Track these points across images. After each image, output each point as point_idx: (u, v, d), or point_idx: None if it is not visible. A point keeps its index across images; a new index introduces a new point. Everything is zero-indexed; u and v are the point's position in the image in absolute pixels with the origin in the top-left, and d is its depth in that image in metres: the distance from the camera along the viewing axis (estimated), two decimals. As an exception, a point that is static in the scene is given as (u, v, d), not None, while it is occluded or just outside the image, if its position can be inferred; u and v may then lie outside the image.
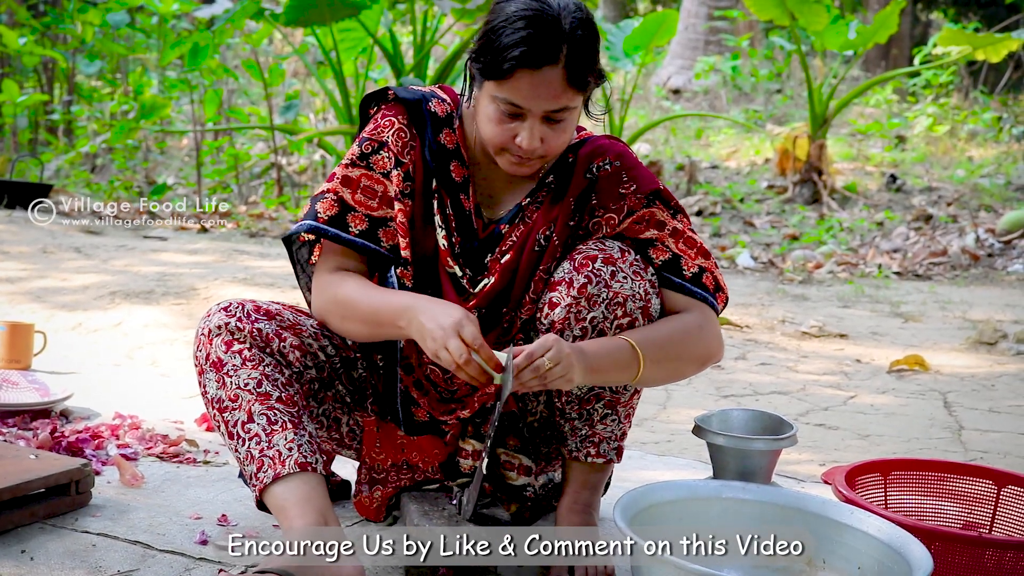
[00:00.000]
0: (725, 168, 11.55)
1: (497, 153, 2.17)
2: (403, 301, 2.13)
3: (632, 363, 2.13)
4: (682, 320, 2.24)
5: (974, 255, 8.31)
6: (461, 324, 2.01)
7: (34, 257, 6.32)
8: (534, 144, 2.11)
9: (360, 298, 2.19)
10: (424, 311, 2.07)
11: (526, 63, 2.04)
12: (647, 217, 2.26)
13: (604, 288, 2.16)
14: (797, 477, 3.14)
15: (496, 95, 2.09)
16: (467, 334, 1.99)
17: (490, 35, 2.08)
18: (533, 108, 2.09)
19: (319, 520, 2.07)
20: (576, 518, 2.31)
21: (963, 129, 12.21)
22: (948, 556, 2.11)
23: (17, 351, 3.82)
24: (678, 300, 2.26)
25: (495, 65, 2.06)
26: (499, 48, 2.05)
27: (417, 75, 8.67)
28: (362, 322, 2.19)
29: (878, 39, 9.74)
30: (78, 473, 2.43)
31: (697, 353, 2.26)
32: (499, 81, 2.07)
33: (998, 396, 4.57)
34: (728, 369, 4.89)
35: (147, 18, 11.76)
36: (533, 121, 2.10)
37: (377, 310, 2.16)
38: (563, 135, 2.15)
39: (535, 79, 2.05)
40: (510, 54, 2.04)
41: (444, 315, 2.03)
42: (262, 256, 6.93)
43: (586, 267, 2.17)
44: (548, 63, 2.05)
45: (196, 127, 10.62)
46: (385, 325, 2.15)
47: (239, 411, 2.15)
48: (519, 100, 2.08)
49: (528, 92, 2.07)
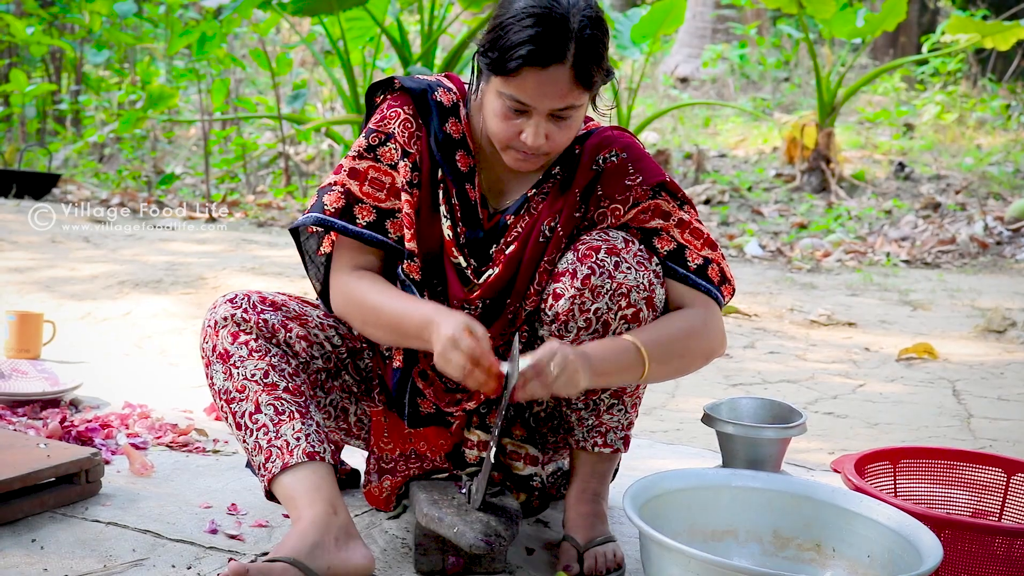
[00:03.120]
0: (733, 157, 11.53)
1: (502, 148, 2.16)
2: (425, 314, 2.10)
3: (637, 365, 2.13)
4: (686, 317, 2.23)
5: (983, 243, 8.30)
6: (457, 339, 1.98)
7: (43, 247, 6.33)
8: (539, 142, 2.10)
9: (382, 305, 2.17)
10: (436, 326, 2.04)
11: (533, 61, 2.02)
12: (652, 208, 2.26)
13: (608, 279, 2.16)
14: (806, 465, 3.14)
15: (502, 91, 2.08)
16: (465, 346, 1.98)
17: (498, 30, 2.07)
18: (539, 106, 2.07)
19: (328, 509, 2.07)
20: (585, 507, 2.32)
21: (971, 117, 12.16)
22: (958, 544, 2.11)
23: (26, 340, 3.83)
24: (682, 292, 2.26)
25: (502, 62, 2.05)
26: (507, 45, 2.04)
27: (425, 64, 8.65)
28: (385, 329, 2.19)
29: (886, 27, 9.71)
30: (88, 462, 2.44)
31: (701, 350, 2.25)
32: (506, 77, 2.06)
33: (1007, 384, 4.57)
34: (737, 358, 4.89)
35: (154, 7, 11.76)
36: (538, 118, 2.09)
37: (400, 320, 2.14)
38: (568, 132, 2.14)
39: (542, 78, 2.04)
40: (518, 52, 2.02)
41: (445, 326, 2.01)
42: (270, 245, 6.94)
43: (590, 258, 2.17)
44: (555, 62, 2.03)
45: (204, 117, 10.62)
46: (410, 337, 2.14)
47: (246, 402, 2.16)
48: (525, 98, 2.07)
49: (534, 91, 2.05)
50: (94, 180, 10.73)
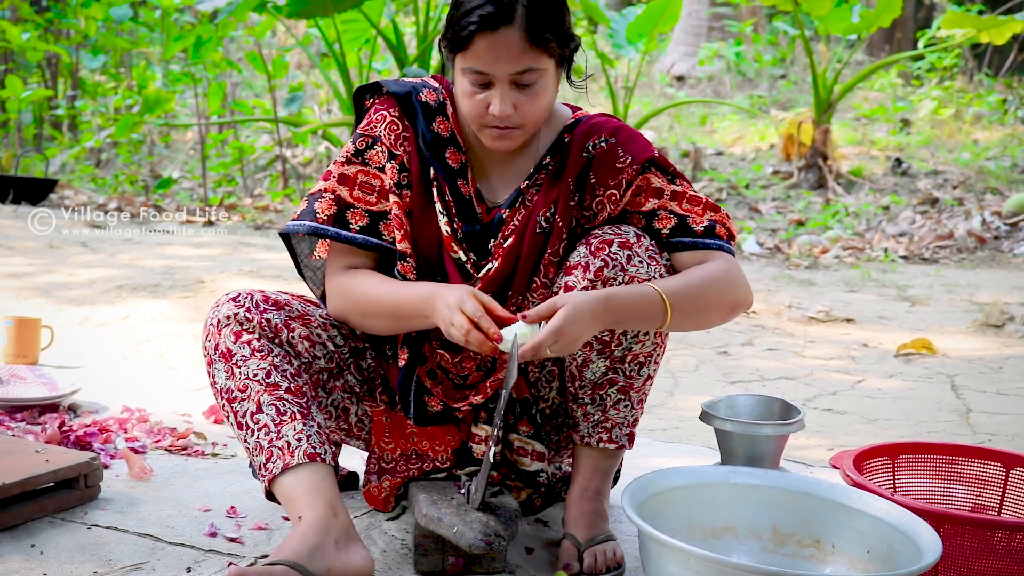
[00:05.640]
0: (730, 154, 11.53)
1: (478, 129, 2.20)
2: (423, 291, 2.15)
3: (659, 313, 2.13)
4: (707, 268, 2.24)
5: (980, 238, 8.30)
6: (463, 300, 2.04)
7: (40, 252, 6.33)
8: (507, 110, 2.13)
9: (379, 293, 2.21)
10: (440, 297, 2.09)
11: (483, 27, 2.07)
12: (644, 186, 2.27)
13: (620, 272, 2.17)
14: (805, 462, 3.14)
15: (463, 67, 2.14)
16: (468, 308, 2.02)
17: (452, 10, 2.14)
18: (496, 72, 2.11)
19: (328, 511, 2.07)
20: (586, 505, 2.31)
21: (968, 112, 12.17)
22: (957, 539, 2.11)
23: (25, 346, 3.84)
24: (695, 256, 2.26)
25: (456, 38, 2.11)
26: (458, 19, 2.10)
27: (421, 65, 8.65)
28: (385, 317, 2.21)
29: (882, 23, 9.71)
30: (87, 467, 2.43)
31: (726, 300, 2.26)
32: (463, 52, 2.12)
33: (1006, 378, 4.57)
34: (735, 355, 4.89)
35: (150, 12, 11.76)
36: (502, 87, 2.12)
37: (398, 303, 2.18)
38: (536, 101, 2.16)
39: (492, 41, 2.08)
40: (468, 20, 2.08)
41: (451, 295, 2.06)
42: (268, 248, 6.94)
43: (602, 251, 2.18)
44: (503, 23, 2.07)
45: (200, 120, 10.62)
46: (409, 317, 2.18)
47: (248, 401, 2.16)
48: (481, 66, 2.11)
49: (488, 55, 2.09)
50: (91, 185, 10.73)
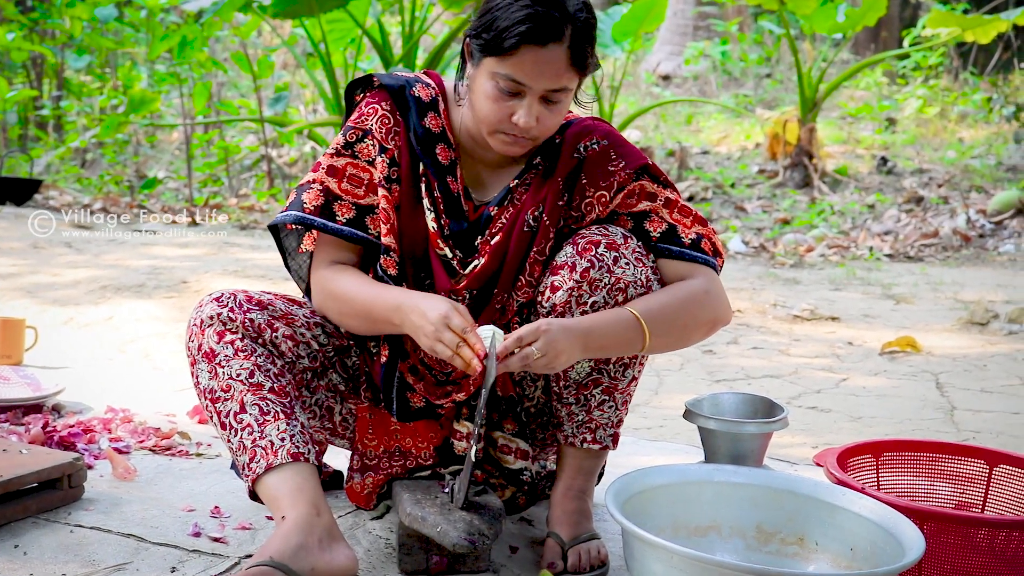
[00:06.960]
0: (716, 153, 11.55)
1: (490, 133, 2.17)
2: (394, 298, 2.14)
3: (637, 338, 2.15)
4: (688, 286, 2.24)
5: (965, 236, 8.33)
6: (448, 316, 2.03)
7: (25, 253, 6.32)
8: (531, 122, 2.11)
9: (355, 294, 2.21)
10: (414, 309, 2.08)
11: (532, 39, 2.05)
12: (637, 191, 2.27)
13: (607, 273, 2.17)
14: (790, 460, 3.15)
15: (497, 71, 2.10)
16: (455, 324, 2.02)
17: (494, 11, 2.09)
18: (535, 86, 2.09)
19: (312, 510, 2.07)
20: (570, 504, 2.32)
21: (953, 110, 12.21)
22: (941, 536, 2.11)
23: (8, 346, 3.82)
24: (680, 268, 2.27)
25: (499, 41, 2.07)
26: (504, 24, 2.06)
27: (406, 65, 8.66)
28: (359, 317, 2.22)
29: (867, 21, 9.74)
30: (70, 467, 2.43)
31: (705, 318, 2.26)
32: (502, 57, 2.08)
33: (990, 376, 4.58)
34: (720, 353, 4.90)
35: (135, 12, 11.73)
36: (532, 99, 2.11)
37: (371, 307, 2.18)
38: (557, 117, 2.16)
39: (539, 56, 2.06)
40: (516, 29, 2.05)
41: (432, 310, 2.05)
42: (253, 248, 6.93)
43: (589, 252, 2.18)
44: (553, 40, 2.05)
45: (186, 120, 10.60)
46: (380, 322, 2.18)
47: (231, 401, 2.15)
48: (522, 77, 2.08)
49: (532, 69, 2.07)
50: (76, 185, 10.69)
